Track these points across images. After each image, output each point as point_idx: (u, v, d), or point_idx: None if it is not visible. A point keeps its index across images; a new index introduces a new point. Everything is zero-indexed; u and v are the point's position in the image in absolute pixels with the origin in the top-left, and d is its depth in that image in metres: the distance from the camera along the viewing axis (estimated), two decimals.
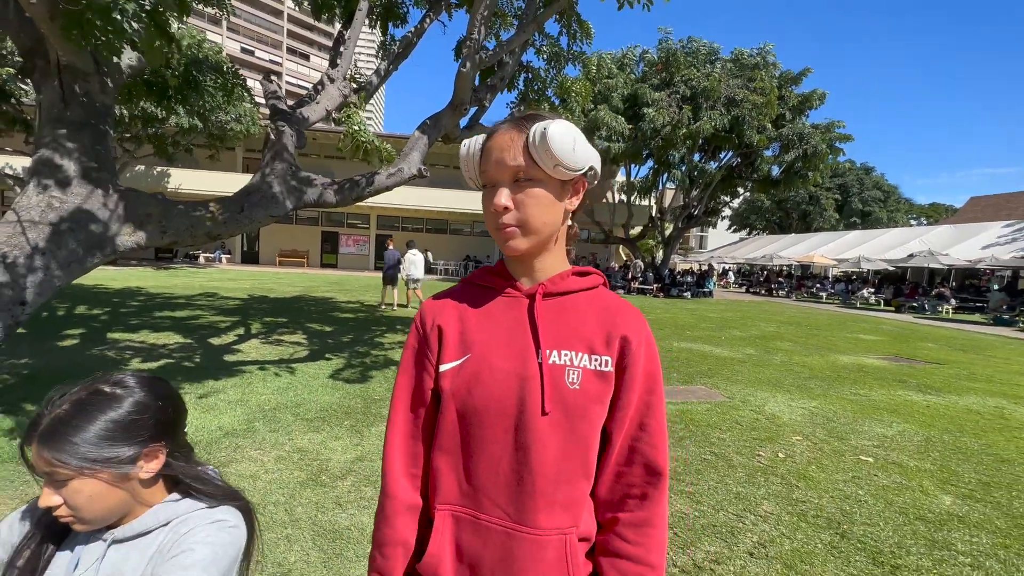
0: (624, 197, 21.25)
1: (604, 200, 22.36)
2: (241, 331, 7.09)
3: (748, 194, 25.39)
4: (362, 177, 4.91)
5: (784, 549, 2.33)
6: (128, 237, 3.66)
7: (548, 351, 0.71)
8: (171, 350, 5.68)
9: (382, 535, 0.76)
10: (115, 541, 0.74)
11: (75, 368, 4.71)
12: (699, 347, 7.85)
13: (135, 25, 3.01)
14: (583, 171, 0.72)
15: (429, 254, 9.84)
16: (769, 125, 17.33)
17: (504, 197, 0.69)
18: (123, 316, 7.74)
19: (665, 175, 19.90)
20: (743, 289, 27.47)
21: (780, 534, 2.46)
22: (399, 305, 10.78)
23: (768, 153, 19.23)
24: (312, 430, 3.47)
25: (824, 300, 20.91)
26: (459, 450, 0.72)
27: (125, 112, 14.12)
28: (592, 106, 17.39)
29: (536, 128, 0.68)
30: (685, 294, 19.34)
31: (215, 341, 6.32)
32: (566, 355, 0.71)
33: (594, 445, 0.72)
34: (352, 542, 2.21)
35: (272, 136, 4.47)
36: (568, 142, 0.68)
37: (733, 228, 39.45)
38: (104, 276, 14.06)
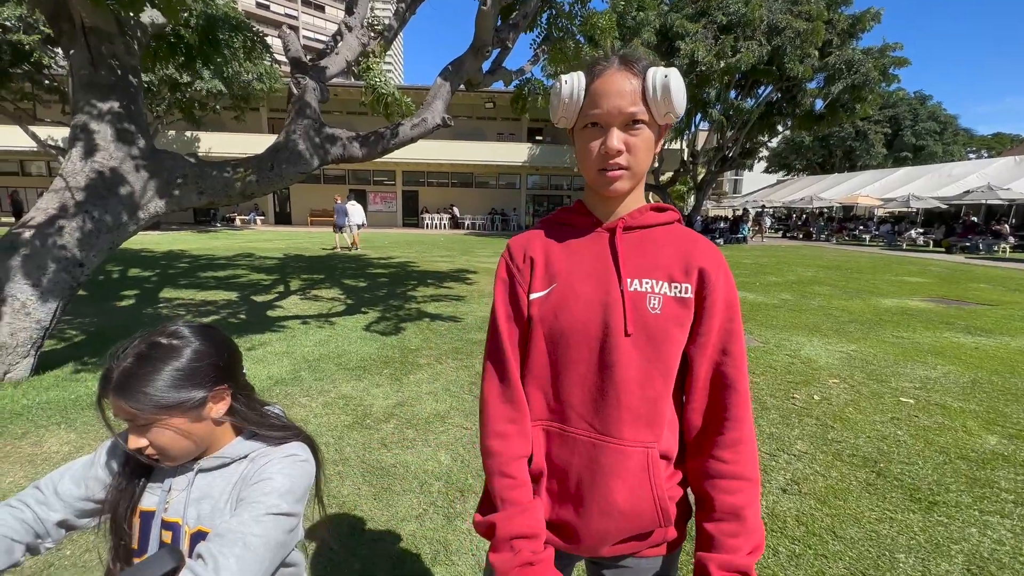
0: None
1: None
2: (281, 288, 7.37)
3: (788, 132, 23.75)
4: (386, 129, 4.83)
5: (818, 486, 2.34)
6: (167, 199, 3.77)
7: (629, 279, 0.76)
8: (218, 307, 5.98)
9: (500, 492, 0.77)
10: (201, 470, 0.82)
11: (135, 324, 5.03)
12: None
13: None
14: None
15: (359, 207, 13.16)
16: (814, 53, 15.85)
17: (618, 140, 0.72)
18: (172, 277, 8.16)
19: (699, 115, 18.74)
20: (780, 234, 26.33)
21: (814, 472, 2.47)
22: (343, 248, 13.10)
23: (811, 86, 17.75)
24: (354, 378, 3.64)
25: (867, 243, 19.87)
26: (547, 371, 0.78)
27: (152, 78, 14.20)
28: (621, 42, 16.29)
29: (656, 74, 0.71)
30: (718, 240, 18.76)
31: (258, 298, 6.60)
32: (647, 283, 0.75)
33: (674, 366, 0.76)
34: (398, 478, 2.35)
35: (295, 91, 4.41)
36: (683, 90, 0.72)
37: (770, 169, 37.33)
38: (149, 240, 14.72)
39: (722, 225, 19.83)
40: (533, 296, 0.79)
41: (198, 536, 0.79)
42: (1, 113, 14.97)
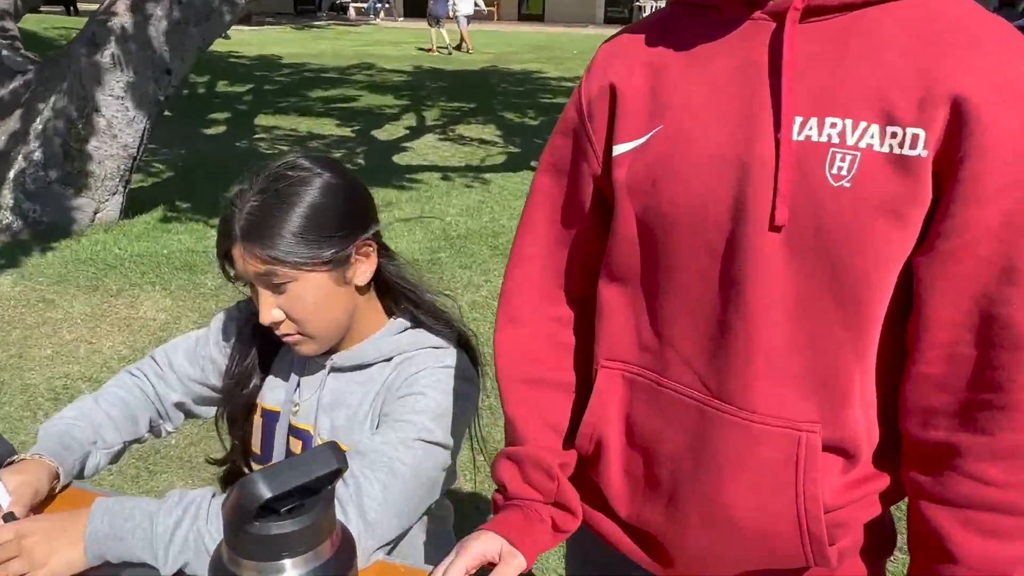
0: None
1: None
2: (412, 121, 8.09)
3: None
4: None
5: None
6: None
7: (799, 119, 0.65)
8: (328, 144, 6.88)
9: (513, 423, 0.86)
10: (335, 369, 1.01)
11: (228, 159, 6.14)
12: None
13: None
14: None
15: None
16: None
17: None
18: (268, 96, 9.55)
19: None
20: None
21: None
22: (440, 49, 14.02)
23: None
24: None
25: None
26: (638, 280, 0.77)
27: None
28: None
29: None
30: None
31: (380, 134, 7.38)
32: (833, 125, 0.64)
33: (873, 292, 0.66)
34: None
35: None
36: None
37: None
38: (239, 40, 17.03)
39: None
40: (619, 149, 0.75)
41: None
42: None
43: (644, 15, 0.98)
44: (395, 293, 1.03)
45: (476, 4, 13.73)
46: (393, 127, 7.74)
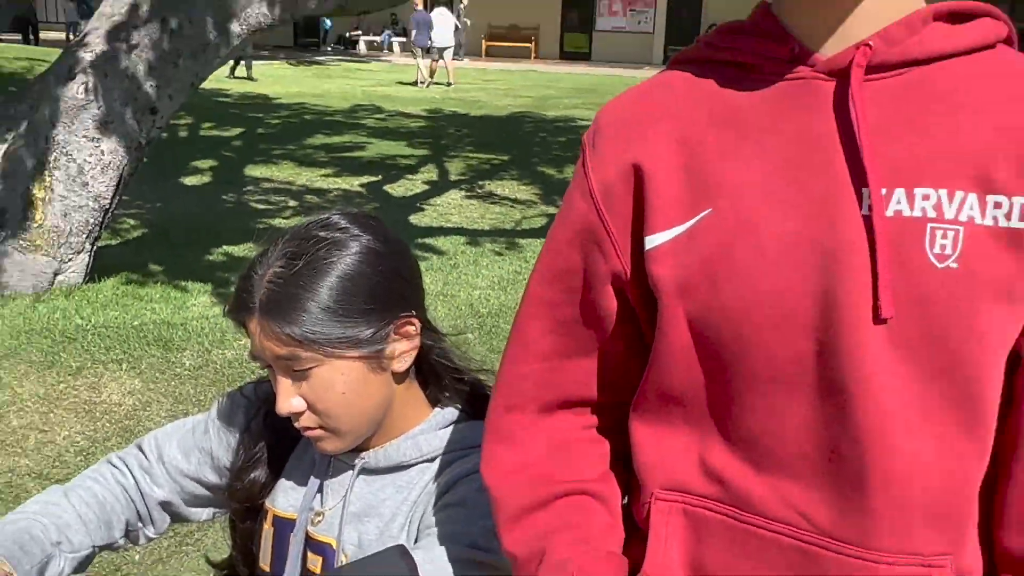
0: None
1: None
2: (433, 174, 8.24)
3: None
4: None
5: None
6: (279, 1, 4.46)
7: (884, 190, 0.66)
8: (331, 200, 7.01)
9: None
10: (365, 470, 1.01)
11: (211, 216, 6.28)
12: None
13: None
14: None
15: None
16: None
17: None
18: (260, 140, 9.83)
19: None
20: None
21: None
22: (422, 82, 15.91)
23: None
24: None
25: None
26: (701, 399, 0.75)
27: None
28: None
29: None
30: None
31: (394, 189, 7.52)
32: (928, 197, 0.66)
33: (991, 389, 0.67)
34: None
35: None
36: None
37: None
38: (227, 75, 17.59)
39: None
40: (653, 241, 0.74)
41: None
42: None
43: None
44: (440, 380, 1.04)
45: (457, 37, 16.19)
46: (410, 181, 7.89)
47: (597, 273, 0.78)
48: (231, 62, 17.02)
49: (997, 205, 0.65)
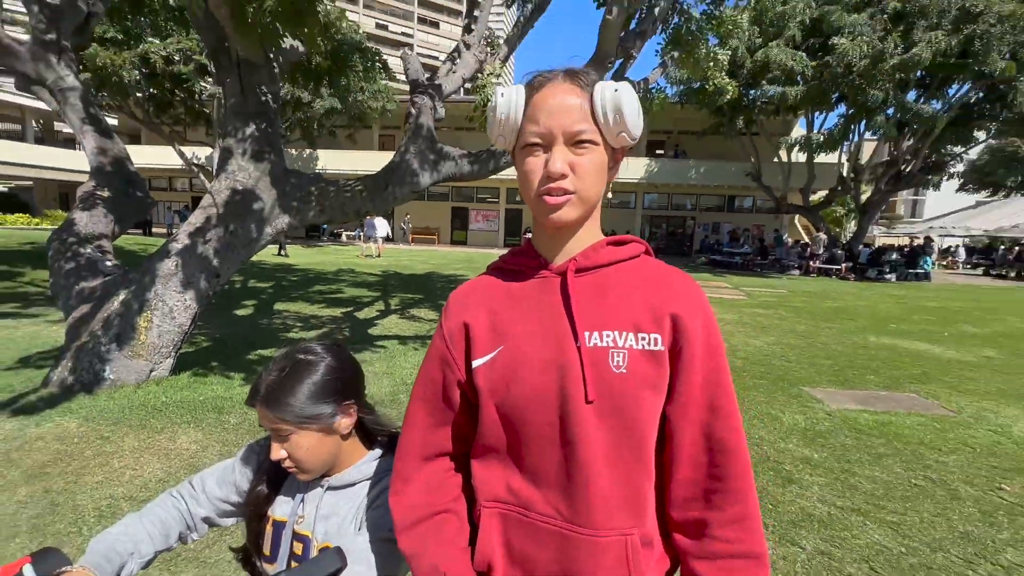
0: (803, 155, 18.65)
1: (775, 159, 19.98)
2: (381, 306, 8.07)
3: (993, 141, 20.53)
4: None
5: None
6: (293, 215, 4.38)
7: (587, 333, 0.70)
8: (324, 322, 6.72)
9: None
10: (330, 488, 0.96)
11: (253, 334, 5.87)
12: (909, 344, 6.74)
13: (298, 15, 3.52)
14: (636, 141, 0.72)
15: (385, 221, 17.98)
16: None
17: (562, 160, 0.68)
18: (285, 289, 9.37)
19: (862, 123, 17.01)
20: (979, 271, 22.59)
21: None
22: (367, 256, 17.34)
23: None
24: None
25: None
26: (504, 448, 0.74)
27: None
28: (759, 41, 15.54)
29: (605, 90, 0.68)
30: (888, 276, 16.60)
31: (360, 315, 7.31)
32: (608, 336, 0.70)
33: (650, 435, 0.71)
34: None
35: (412, 111, 4.91)
36: (636, 108, 0.69)
37: (968, 188, 32.36)
38: (266, 253, 17.02)
39: (895, 257, 17.48)
40: (476, 363, 0.75)
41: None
42: (157, 134, 18.60)
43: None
44: (371, 434, 1.01)
45: (385, 230, 17.91)
46: (368, 310, 7.74)
47: (449, 381, 0.78)
48: (275, 246, 16.95)
49: (643, 339, 0.71)
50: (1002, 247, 23.57)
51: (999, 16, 13.20)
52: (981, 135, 17.82)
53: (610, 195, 0.80)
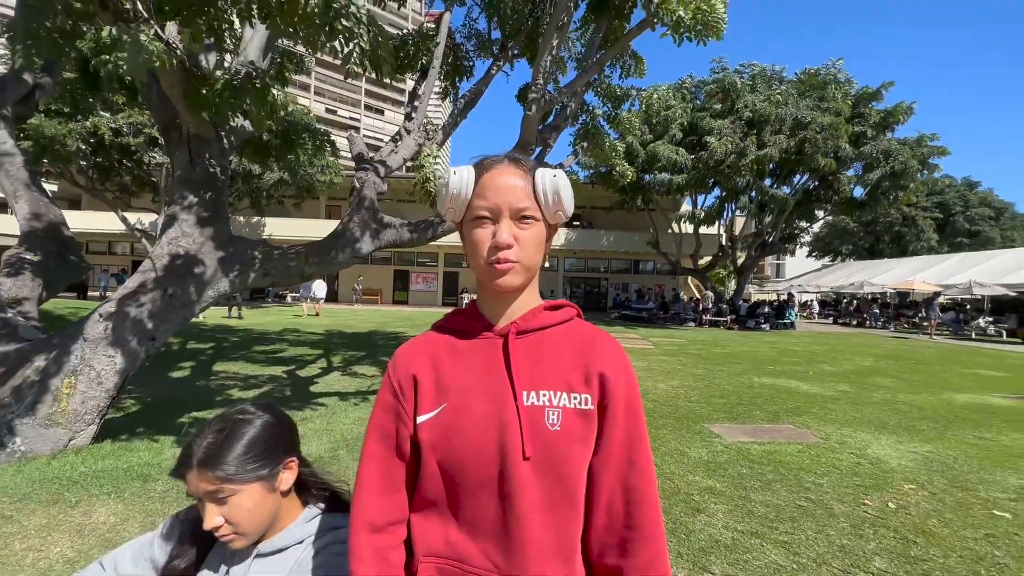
0: (691, 227, 20.55)
1: (669, 230, 21.79)
2: (323, 364, 7.57)
3: (830, 218, 23.66)
4: (436, 217, 5.20)
5: None
6: (235, 279, 4.11)
7: (525, 392, 0.69)
8: (263, 381, 6.17)
9: None
10: (259, 555, 0.85)
11: (187, 396, 5.25)
12: (784, 383, 7.26)
13: (247, 100, 3.47)
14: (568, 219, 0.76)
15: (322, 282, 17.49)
16: (846, 146, 16.25)
17: (508, 232, 0.69)
18: (225, 350, 8.57)
19: (733, 203, 19.13)
20: (830, 320, 25.18)
21: None
22: (309, 315, 16.96)
23: (850, 173, 17.96)
24: None
25: (928, 331, 18.62)
26: (443, 501, 0.70)
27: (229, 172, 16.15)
28: (649, 137, 17.33)
29: (545, 175, 0.72)
30: (763, 326, 18.08)
31: (301, 373, 6.80)
32: (544, 395, 0.69)
33: (580, 489, 0.70)
34: None
35: (357, 185, 4.90)
36: (570, 191, 0.73)
37: (815, 254, 36.72)
38: (208, 313, 15.68)
39: (767, 310, 19.20)
40: (421, 419, 0.71)
41: None
42: (101, 200, 17.14)
43: (466, 302, 1.04)
44: (310, 489, 0.92)
45: (323, 291, 17.60)
46: (310, 368, 7.23)
47: (403, 435, 0.74)
48: (227, 308, 15.79)
49: (575, 398, 0.70)
50: (844, 300, 26.59)
51: (821, 125, 15.69)
52: (821, 213, 20.52)
53: (546, 264, 0.81)
